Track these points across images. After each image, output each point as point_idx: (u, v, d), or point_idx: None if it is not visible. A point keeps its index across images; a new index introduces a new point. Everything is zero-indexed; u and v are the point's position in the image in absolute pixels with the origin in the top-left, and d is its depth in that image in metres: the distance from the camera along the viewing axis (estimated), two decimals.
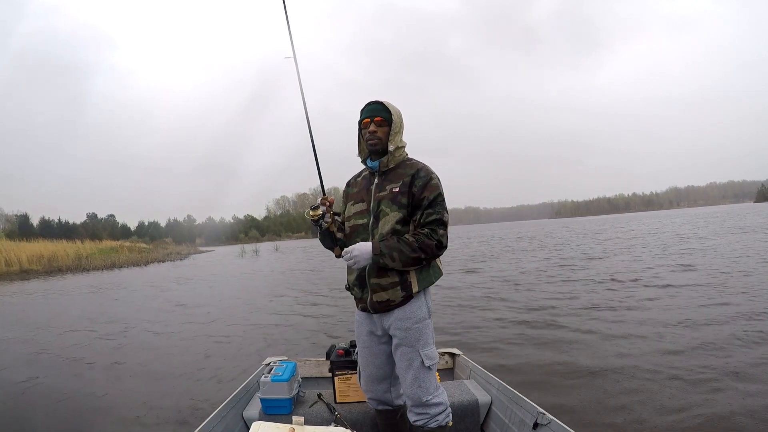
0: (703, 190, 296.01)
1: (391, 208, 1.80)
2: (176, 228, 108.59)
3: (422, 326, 1.82)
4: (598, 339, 4.73)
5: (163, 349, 5.60)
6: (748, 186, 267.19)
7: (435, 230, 1.75)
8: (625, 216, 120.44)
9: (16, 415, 3.67)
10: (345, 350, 2.52)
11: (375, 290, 1.81)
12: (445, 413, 1.86)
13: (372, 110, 1.85)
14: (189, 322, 7.30)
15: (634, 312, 5.82)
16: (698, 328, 4.84)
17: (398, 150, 1.87)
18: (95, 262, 27.78)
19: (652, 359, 3.95)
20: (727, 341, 4.30)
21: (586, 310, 6.10)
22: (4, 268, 23.64)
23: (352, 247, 1.77)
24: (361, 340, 1.96)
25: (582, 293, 7.43)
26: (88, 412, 3.66)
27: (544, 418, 2.00)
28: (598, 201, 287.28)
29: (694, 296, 6.51)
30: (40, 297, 12.84)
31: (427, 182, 1.79)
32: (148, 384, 4.26)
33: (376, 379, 1.98)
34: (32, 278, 21.00)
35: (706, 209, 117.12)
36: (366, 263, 1.77)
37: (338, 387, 2.40)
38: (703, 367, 3.67)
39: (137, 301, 10.54)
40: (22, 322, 8.36)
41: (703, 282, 7.58)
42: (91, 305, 10.24)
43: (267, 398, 2.31)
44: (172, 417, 3.40)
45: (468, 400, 2.36)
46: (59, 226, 74.16)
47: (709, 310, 5.57)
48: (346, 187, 2.05)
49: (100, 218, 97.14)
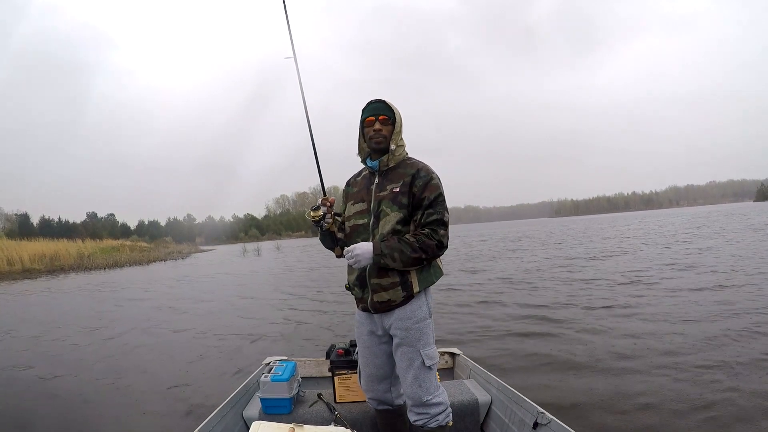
0: (703, 189, 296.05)
1: (392, 208, 1.80)
2: (176, 227, 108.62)
3: (423, 326, 1.82)
4: (599, 339, 4.72)
5: (162, 348, 5.60)
6: (748, 185, 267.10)
7: (436, 230, 1.75)
8: (625, 215, 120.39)
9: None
10: (345, 350, 2.52)
11: (376, 290, 1.81)
12: (445, 413, 1.86)
13: (376, 108, 1.85)
14: (190, 321, 7.31)
15: (636, 311, 5.81)
16: (701, 329, 4.82)
17: (398, 149, 1.87)
18: (97, 261, 27.78)
19: (655, 360, 3.94)
20: (732, 343, 4.27)
21: (587, 310, 6.11)
22: (7, 267, 23.60)
23: (354, 247, 1.76)
24: (362, 340, 1.96)
25: (584, 293, 7.43)
26: (89, 409, 3.67)
27: (544, 417, 2.00)
28: (598, 200, 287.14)
29: (698, 297, 6.48)
30: (54, 295, 12.89)
31: (428, 182, 1.79)
32: (147, 383, 4.27)
33: (376, 379, 1.98)
34: (34, 277, 20.97)
35: (706, 208, 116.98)
36: (367, 263, 1.76)
37: (338, 387, 2.40)
38: (708, 370, 3.64)
39: (141, 301, 10.57)
40: (33, 320, 8.40)
41: (710, 281, 7.56)
42: (99, 304, 10.27)
43: (267, 398, 2.30)
44: (171, 416, 3.40)
45: (468, 400, 2.36)
46: (59, 226, 74.18)
47: (712, 309, 5.57)
48: (346, 187, 2.04)
49: (100, 217, 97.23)
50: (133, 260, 29.12)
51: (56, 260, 26.64)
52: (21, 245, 27.96)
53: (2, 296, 13.39)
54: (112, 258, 29.35)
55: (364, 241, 1.80)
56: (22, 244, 28.30)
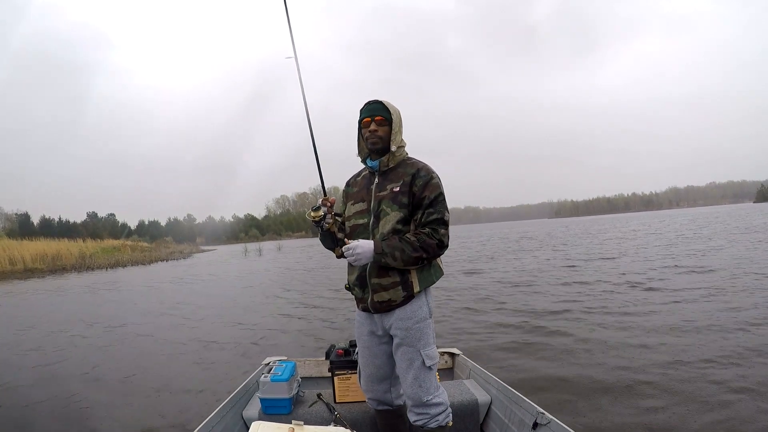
0: (703, 190, 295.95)
1: (392, 208, 1.80)
2: (176, 227, 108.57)
3: (423, 326, 1.82)
4: (601, 341, 4.71)
5: (161, 350, 5.60)
6: (747, 186, 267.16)
7: (436, 230, 1.75)
8: (625, 216, 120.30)
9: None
10: (345, 350, 2.51)
11: (376, 290, 1.80)
12: (445, 413, 1.86)
13: (372, 109, 1.85)
14: (193, 320, 7.31)
15: (640, 314, 5.79)
16: (706, 333, 4.77)
17: (399, 149, 1.87)
18: (99, 261, 27.73)
19: (658, 361, 3.94)
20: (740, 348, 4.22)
21: (589, 314, 6.09)
22: (9, 267, 23.59)
23: (355, 244, 1.74)
24: (362, 340, 1.96)
25: (586, 295, 7.42)
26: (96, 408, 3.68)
27: (543, 417, 2.00)
28: (598, 201, 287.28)
29: (704, 298, 6.44)
30: (69, 294, 12.95)
31: (428, 181, 1.79)
32: (147, 382, 4.27)
33: (376, 379, 1.97)
34: (36, 276, 20.99)
35: (706, 209, 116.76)
36: (367, 261, 1.75)
37: (338, 387, 2.40)
38: (712, 373, 3.62)
39: (142, 300, 10.62)
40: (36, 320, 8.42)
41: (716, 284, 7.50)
42: (109, 303, 10.36)
43: (266, 398, 2.30)
44: (171, 417, 3.40)
45: (468, 400, 2.36)
46: (60, 225, 74.14)
47: (719, 314, 5.51)
48: (346, 187, 2.04)
49: (101, 217, 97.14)
50: (134, 260, 29.15)
51: (58, 260, 26.64)
52: (22, 245, 28.00)
53: (24, 295, 13.43)
54: (114, 258, 29.37)
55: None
56: (24, 244, 28.36)
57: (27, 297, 12.86)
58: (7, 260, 24.17)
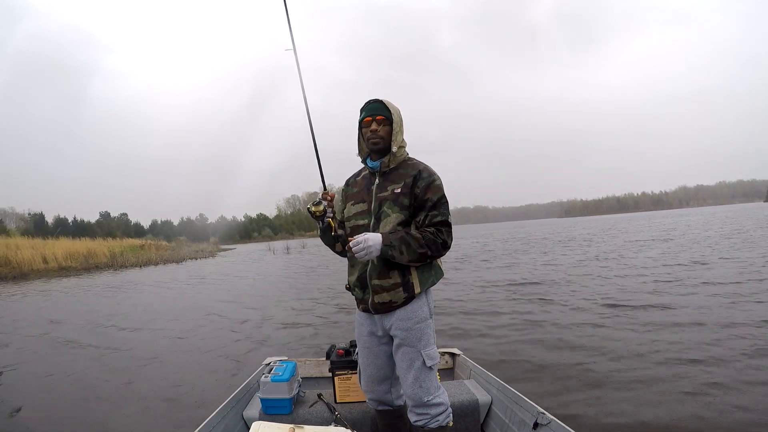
0: (713, 189, 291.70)
1: (393, 210, 1.79)
2: (189, 226, 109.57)
3: (424, 326, 1.81)
4: (607, 341, 4.66)
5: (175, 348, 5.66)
6: (757, 185, 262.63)
7: (440, 230, 1.75)
8: (636, 215, 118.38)
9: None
10: (345, 350, 2.51)
11: (377, 291, 1.80)
12: (445, 413, 1.85)
13: (373, 109, 1.84)
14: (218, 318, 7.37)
15: (651, 314, 5.69)
16: (712, 335, 4.66)
17: (399, 150, 1.86)
18: (130, 259, 27.40)
19: (663, 362, 3.88)
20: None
21: (596, 315, 6.03)
22: (43, 266, 23.53)
23: (365, 237, 1.68)
24: (362, 341, 1.96)
25: (601, 294, 7.32)
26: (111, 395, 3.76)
27: (544, 417, 1.99)
28: (608, 200, 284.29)
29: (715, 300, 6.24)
30: (142, 290, 13.10)
31: (430, 183, 1.78)
32: (147, 381, 4.32)
33: (376, 380, 1.97)
34: (72, 275, 20.89)
35: (717, 208, 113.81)
36: (376, 254, 1.70)
37: (338, 387, 2.40)
38: (714, 376, 3.55)
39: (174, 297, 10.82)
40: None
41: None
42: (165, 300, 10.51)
43: (267, 398, 2.31)
44: (171, 417, 3.43)
45: (468, 400, 2.35)
46: (75, 225, 75.08)
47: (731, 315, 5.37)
48: (345, 187, 2.03)
49: (113, 217, 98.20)
50: (165, 259, 28.62)
51: (91, 258, 26.55)
52: (50, 244, 27.87)
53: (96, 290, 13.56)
54: (145, 256, 28.91)
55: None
56: (49, 243, 28.19)
57: (98, 291, 13.02)
58: (41, 259, 24.10)
